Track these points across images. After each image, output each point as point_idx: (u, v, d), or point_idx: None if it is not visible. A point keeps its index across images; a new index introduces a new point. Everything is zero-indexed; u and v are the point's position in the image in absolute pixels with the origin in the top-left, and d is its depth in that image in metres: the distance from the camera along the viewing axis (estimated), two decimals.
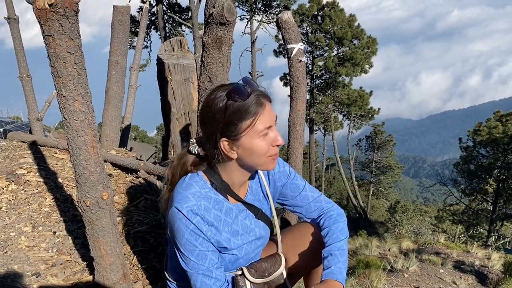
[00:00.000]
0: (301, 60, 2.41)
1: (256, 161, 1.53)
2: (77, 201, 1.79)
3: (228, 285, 1.60)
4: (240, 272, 1.70)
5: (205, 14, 2.17)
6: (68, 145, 1.66)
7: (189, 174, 1.61)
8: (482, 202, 25.59)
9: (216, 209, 1.57)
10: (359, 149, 35.66)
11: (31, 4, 1.47)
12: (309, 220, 1.84)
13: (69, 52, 1.49)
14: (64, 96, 1.55)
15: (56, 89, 1.56)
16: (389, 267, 6.00)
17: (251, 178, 1.73)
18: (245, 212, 1.70)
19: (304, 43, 2.50)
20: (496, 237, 23.10)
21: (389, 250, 8.26)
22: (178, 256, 1.54)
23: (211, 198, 1.57)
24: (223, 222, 1.59)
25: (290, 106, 2.54)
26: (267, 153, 1.50)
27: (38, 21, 1.45)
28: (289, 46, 2.44)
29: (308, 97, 26.28)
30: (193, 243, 1.49)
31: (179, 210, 1.47)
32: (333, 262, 1.62)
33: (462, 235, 24.95)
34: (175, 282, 1.77)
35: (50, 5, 1.40)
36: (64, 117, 1.60)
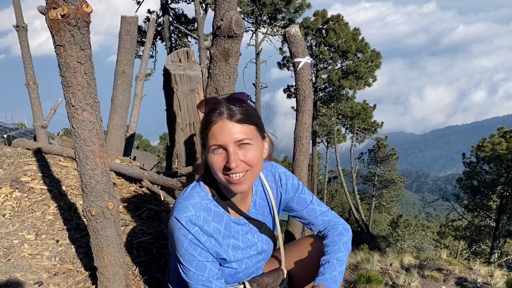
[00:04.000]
0: (307, 74, 2.43)
1: (217, 177, 1.49)
2: (82, 210, 1.79)
3: None
4: (242, 286, 1.69)
5: (213, 27, 2.19)
6: (75, 154, 1.66)
7: (192, 184, 1.62)
8: (485, 218, 25.39)
9: (216, 221, 1.57)
10: (362, 162, 35.56)
11: (43, 14, 1.49)
12: (314, 232, 1.83)
13: (80, 62, 1.51)
14: (73, 106, 1.56)
15: (65, 98, 1.57)
16: (390, 283, 5.95)
17: (254, 192, 1.73)
18: (247, 226, 1.69)
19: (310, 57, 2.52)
20: (499, 254, 22.87)
21: (390, 265, 8.18)
22: (179, 267, 1.54)
23: (211, 210, 1.56)
24: (222, 235, 1.59)
25: (296, 119, 2.55)
26: (221, 171, 1.46)
27: (50, 31, 1.47)
28: (296, 60, 2.46)
29: None
30: (192, 253, 1.49)
31: (178, 220, 1.48)
32: (329, 270, 1.61)
33: (465, 251, 24.71)
34: None
35: (62, 16, 1.42)
36: (72, 126, 1.60)
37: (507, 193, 22.93)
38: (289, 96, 28.67)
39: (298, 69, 2.46)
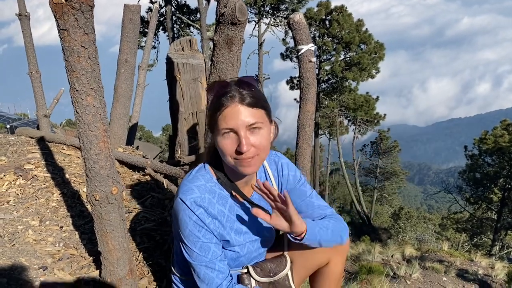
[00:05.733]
0: (311, 61, 2.42)
1: (226, 160, 1.50)
2: (86, 195, 1.80)
3: (232, 279, 1.60)
4: (245, 270, 1.71)
5: (216, 14, 2.18)
6: (79, 139, 1.67)
7: (197, 167, 1.63)
8: (486, 211, 25.41)
9: (220, 204, 1.58)
10: (364, 155, 35.50)
11: None
12: None
13: (83, 47, 1.51)
14: (77, 90, 1.56)
15: (69, 83, 1.57)
16: (392, 274, 5.98)
17: (258, 177, 1.73)
18: (250, 211, 1.70)
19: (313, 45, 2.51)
20: (500, 247, 22.92)
21: (392, 256, 8.22)
22: (182, 248, 1.55)
23: (215, 193, 1.58)
24: (226, 218, 1.60)
25: (300, 107, 2.54)
26: (231, 154, 1.46)
27: (54, 15, 1.47)
28: (299, 46, 2.45)
29: None
30: (196, 234, 1.50)
31: (183, 201, 1.50)
32: (310, 221, 1.65)
33: (466, 244, 24.75)
34: (179, 276, 1.78)
35: (66, 0, 1.41)
36: (76, 111, 1.61)
37: (509, 186, 22.92)
38: (292, 88, 28.62)
39: (301, 56, 2.45)
